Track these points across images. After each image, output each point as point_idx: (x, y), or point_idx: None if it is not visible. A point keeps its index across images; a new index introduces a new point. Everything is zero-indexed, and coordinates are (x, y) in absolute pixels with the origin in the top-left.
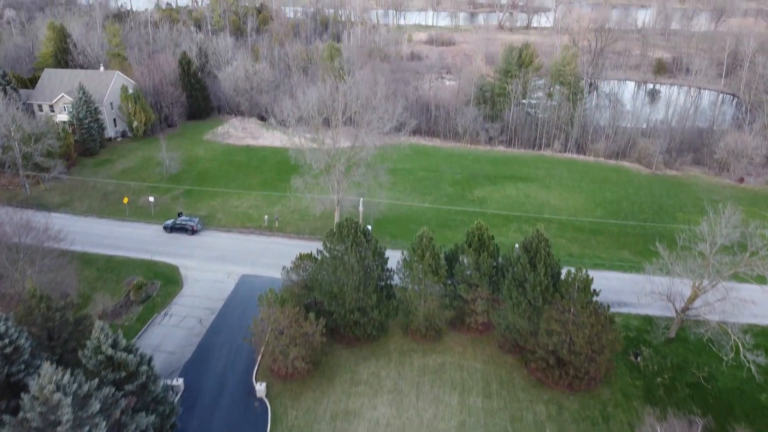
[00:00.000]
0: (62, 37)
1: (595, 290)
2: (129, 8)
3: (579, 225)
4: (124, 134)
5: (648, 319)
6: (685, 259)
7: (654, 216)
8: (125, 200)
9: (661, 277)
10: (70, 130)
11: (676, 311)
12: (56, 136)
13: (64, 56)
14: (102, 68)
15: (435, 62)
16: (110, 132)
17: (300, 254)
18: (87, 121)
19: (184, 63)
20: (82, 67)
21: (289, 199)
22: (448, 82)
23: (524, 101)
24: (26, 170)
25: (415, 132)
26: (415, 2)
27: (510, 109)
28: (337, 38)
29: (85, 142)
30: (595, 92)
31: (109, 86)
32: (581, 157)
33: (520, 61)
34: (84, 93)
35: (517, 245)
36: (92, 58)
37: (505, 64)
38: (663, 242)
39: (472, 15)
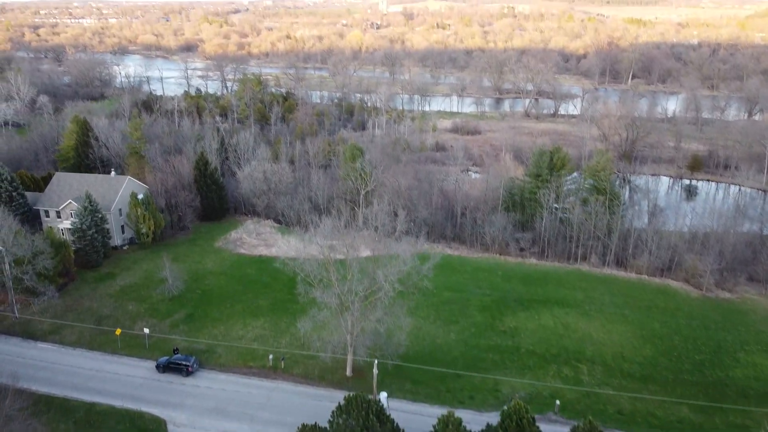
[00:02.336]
0: (85, 130)
1: None
2: (160, 93)
3: (627, 369)
4: (132, 241)
5: None
6: None
7: (712, 357)
8: (118, 332)
9: None
10: (71, 242)
11: None
12: (52, 254)
13: (85, 149)
14: (113, 173)
15: (460, 153)
16: (117, 240)
17: (303, 426)
18: (91, 232)
19: (201, 165)
20: (102, 161)
21: (299, 330)
22: (474, 175)
23: (556, 206)
24: (16, 293)
25: (440, 238)
26: (440, 88)
27: (542, 218)
28: (362, 126)
29: (88, 254)
30: (628, 187)
31: (119, 192)
32: (622, 273)
33: (552, 165)
34: (90, 202)
35: (558, 402)
36: (113, 152)
37: (535, 168)
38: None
39: (498, 101)
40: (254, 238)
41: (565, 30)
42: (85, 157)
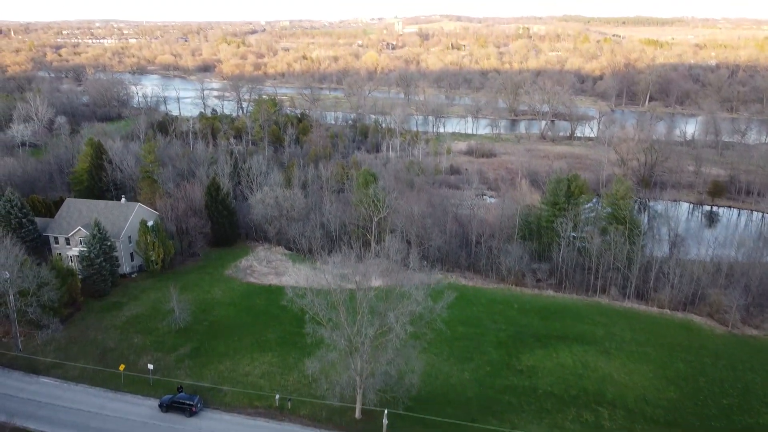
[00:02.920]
0: (99, 153)
1: None
2: (176, 113)
3: (650, 413)
4: (141, 269)
5: None
6: None
7: (741, 401)
8: (121, 368)
9: None
10: (79, 270)
11: None
12: (58, 284)
13: (98, 172)
14: (123, 199)
15: (475, 177)
16: (125, 268)
17: None
18: (99, 260)
19: (213, 190)
20: (115, 184)
21: (306, 367)
22: (489, 199)
23: (574, 234)
24: (20, 325)
25: (454, 267)
26: (455, 109)
27: (560, 248)
28: (377, 148)
29: (95, 283)
30: (646, 213)
31: (129, 220)
32: (643, 307)
33: (569, 193)
34: (99, 230)
35: None
36: (126, 174)
37: (552, 196)
38: None
39: (513, 123)
40: (264, 266)
41: (580, 51)
42: (99, 180)
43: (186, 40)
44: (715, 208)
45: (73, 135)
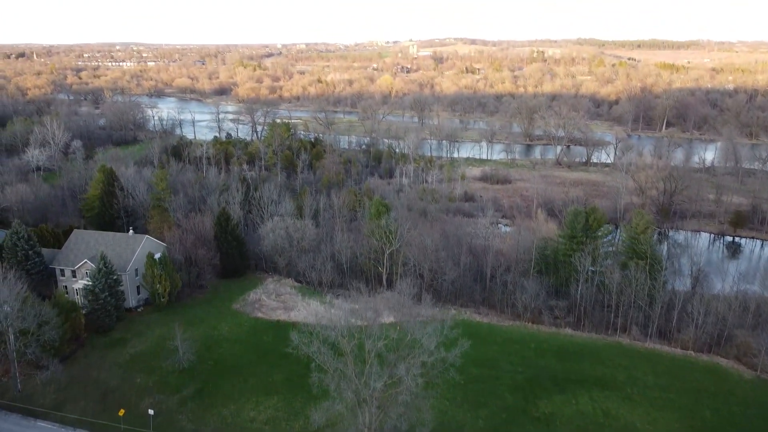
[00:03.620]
0: (111, 180)
1: None
2: (191, 136)
3: None
4: (147, 302)
5: None
6: None
7: None
8: (121, 413)
9: None
10: (83, 304)
11: None
12: (60, 322)
13: (110, 199)
14: (131, 231)
15: (489, 205)
16: (131, 301)
17: None
18: (104, 295)
19: (223, 220)
20: (126, 211)
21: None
22: (503, 228)
23: (592, 269)
24: (20, 365)
25: (468, 301)
26: (469, 133)
27: (578, 283)
28: (390, 174)
29: (99, 318)
30: (666, 243)
31: (136, 252)
32: (666, 348)
33: (587, 226)
34: (105, 264)
35: None
36: (138, 201)
37: (570, 229)
38: None
39: (528, 147)
40: (273, 300)
41: (596, 75)
42: (110, 207)
43: (203, 63)
44: (737, 239)
45: (88, 160)
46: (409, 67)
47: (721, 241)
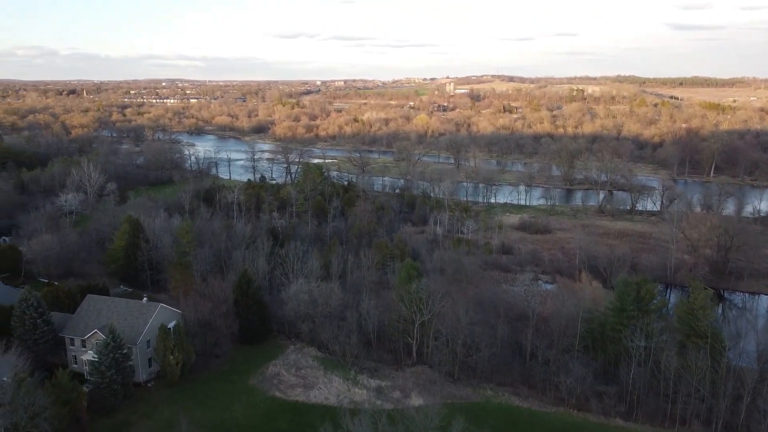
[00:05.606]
0: (136, 231)
1: None
2: (227, 177)
3: None
4: (159, 375)
5: None
6: None
7: None
8: None
9: None
10: (89, 376)
11: None
12: (58, 408)
13: (134, 251)
14: (145, 299)
15: (528, 258)
16: (141, 375)
17: None
18: (110, 372)
19: (244, 283)
20: (150, 264)
21: None
22: (544, 285)
23: (644, 344)
24: None
25: (506, 380)
26: (506, 176)
27: (629, 366)
28: (424, 221)
29: (104, 397)
30: (721, 306)
31: (148, 323)
32: None
33: (639, 298)
34: (114, 337)
35: None
36: (162, 255)
37: (619, 302)
38: None
39: (569, 192)
40: (293, 375)
41: (637, 115)
42: (134, 259)
43: (244, 100)
44: None
45: (121, 203)
46: (445, 105)
47: None
